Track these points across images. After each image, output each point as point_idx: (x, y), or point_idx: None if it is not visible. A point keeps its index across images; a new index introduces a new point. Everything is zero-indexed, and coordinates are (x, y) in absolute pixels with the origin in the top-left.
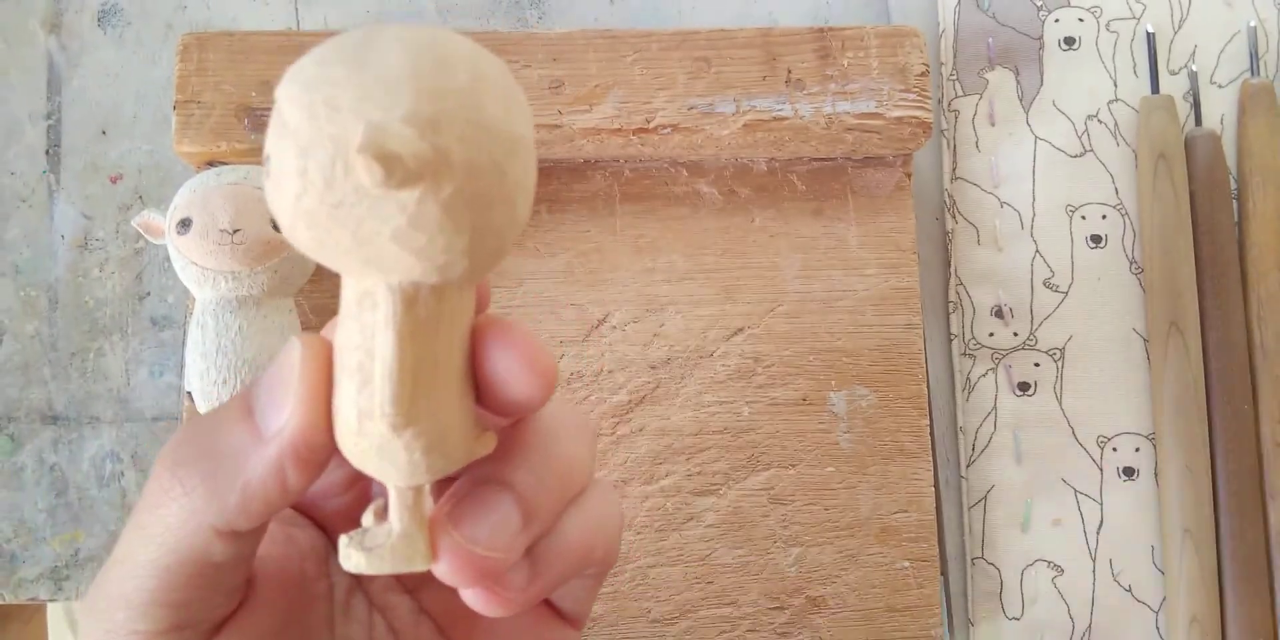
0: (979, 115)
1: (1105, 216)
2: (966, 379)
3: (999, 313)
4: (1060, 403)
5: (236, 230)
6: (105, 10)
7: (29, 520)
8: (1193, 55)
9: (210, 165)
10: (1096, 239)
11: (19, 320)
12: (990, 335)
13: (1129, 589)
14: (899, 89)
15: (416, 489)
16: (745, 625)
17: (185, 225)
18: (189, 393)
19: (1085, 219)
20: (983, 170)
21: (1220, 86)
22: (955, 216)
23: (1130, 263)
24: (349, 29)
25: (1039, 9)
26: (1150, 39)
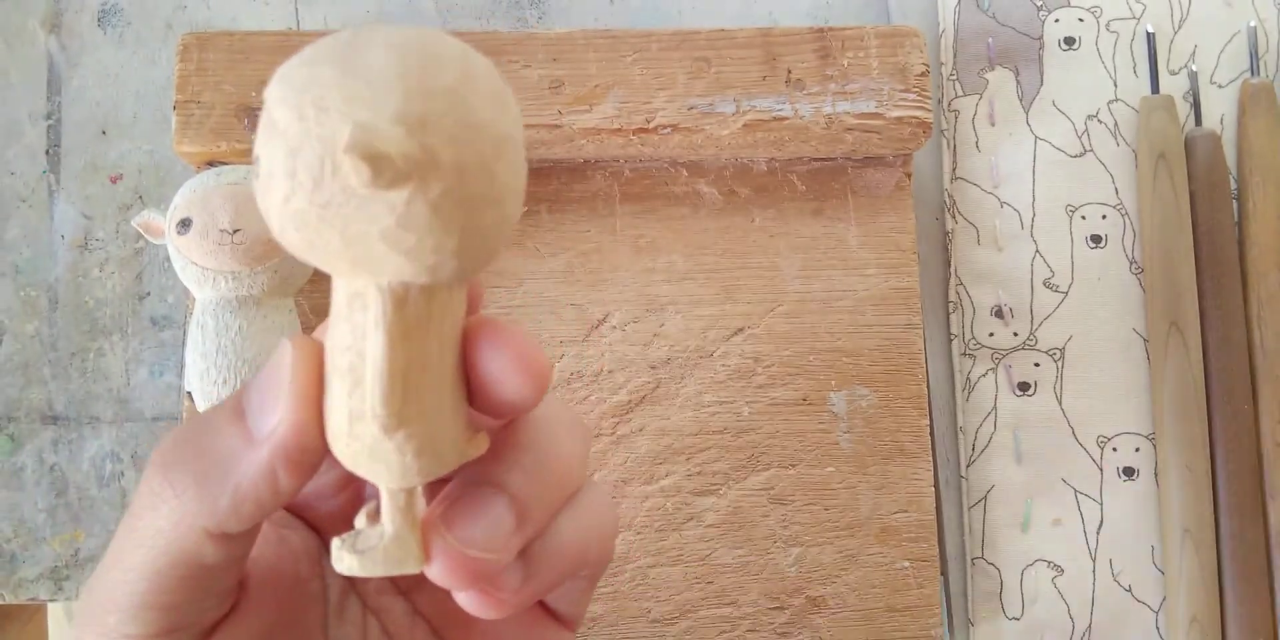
0: (979, 115)
1: (1105, 216)
2: (966, 379)
3: (999, 313)
4: (1060, 403)
5: (236, 230)
6: (105, 10)
7: (29, 520)
8: (1193, 55)
9: (210, 165)
10: (1096, 239)
11: (19, 320)
12: (990, 335)
13: (1129, 589)
14: (899, 89)
15: (409, 491)
16: (745, 625)
17: (185, 225)
18: (189, 393)
19: (1085, 219)
20: (983, 170)
21: (1220, 86)
22: (955, 216)
23: (1130, 263)
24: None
25: (1039, 9)
26: (1150, 39)
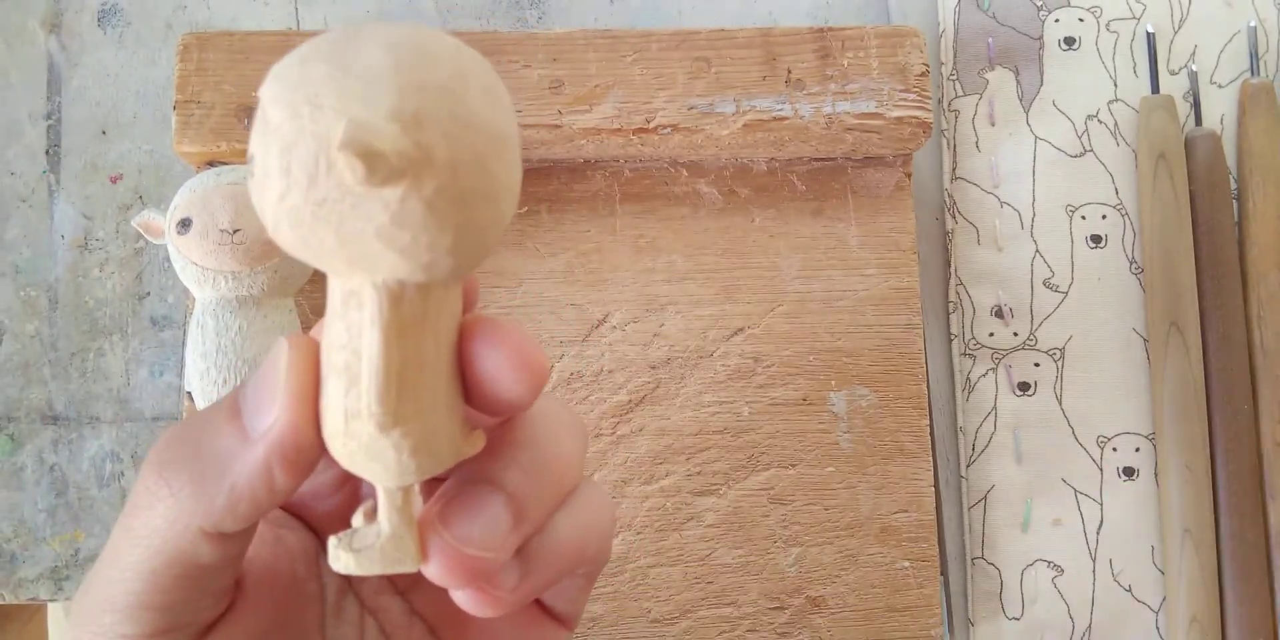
0: (979, 115)
1: (1105, 216)
2: (966, 379)
3: (999, 313)
4: (1060, 403)
5: (236, 230)
6: (105, 10)
7: (29, 520)
8: (1193, 55)
9: (210, 165)
10: (1096, 239)
11: (19, 320)
12: (990, 335)
13: (1129, 589)
14: (899, 89)
15: (405, 489)
16: (745, 625)
17: (185, 225)
18: (189, 393)
19: (1085, 219)
20: (983, 170)
21: (1220, 86)
22: (955, 216)
23: (1130, 263)
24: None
25: (1039, 9)
26: (1150, 39)
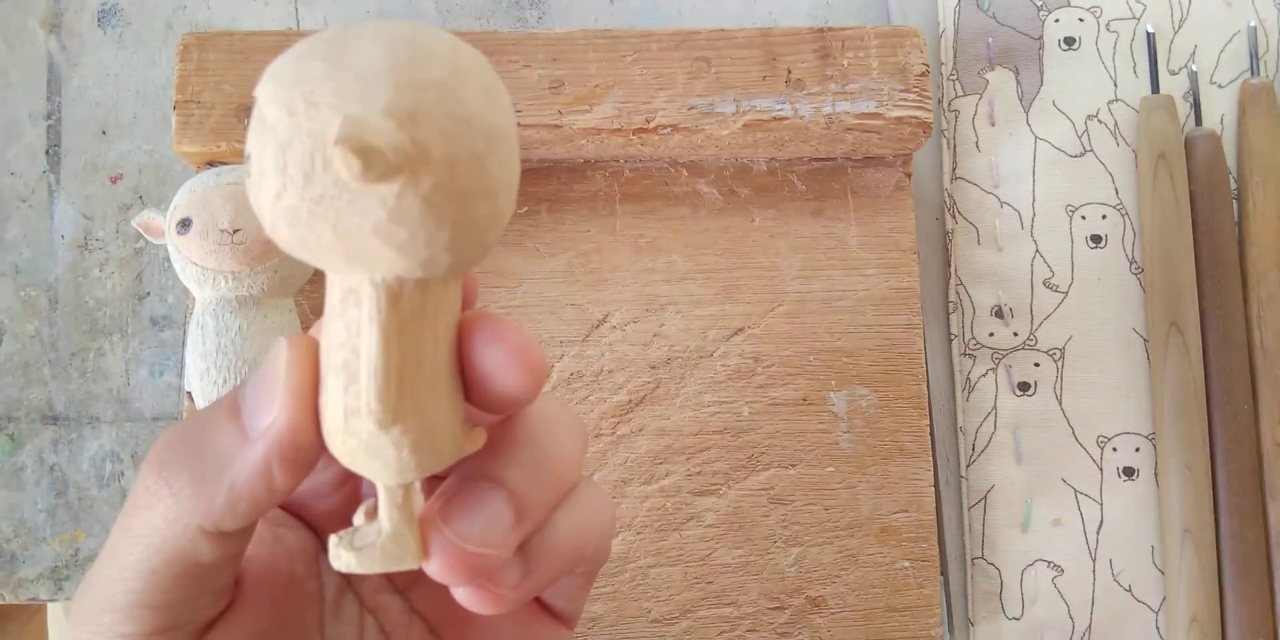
0: (979, 115)
1: (1105, 216)
2: (966, 379)
3: (999, 313)
4: (1060, 403)
5: (236, 230)
6: (105, 10)
7: (29, 520)
8: (1193, 55)
9: (210, 165)
10: (1096, 239)
11: (19, 320)
12: (990, 335)
13: (1129, 589)
14: (899, 89)
15: (406, 487)
16: (745, 625)
17: (185, 225)
18: (189, 393)
19: (1085, 219)
20: (983, 170)
21: (1220, 86)
22: (955, 216)
23: (1130, 263)
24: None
25: (1039, 9)
26: (1150, 39)
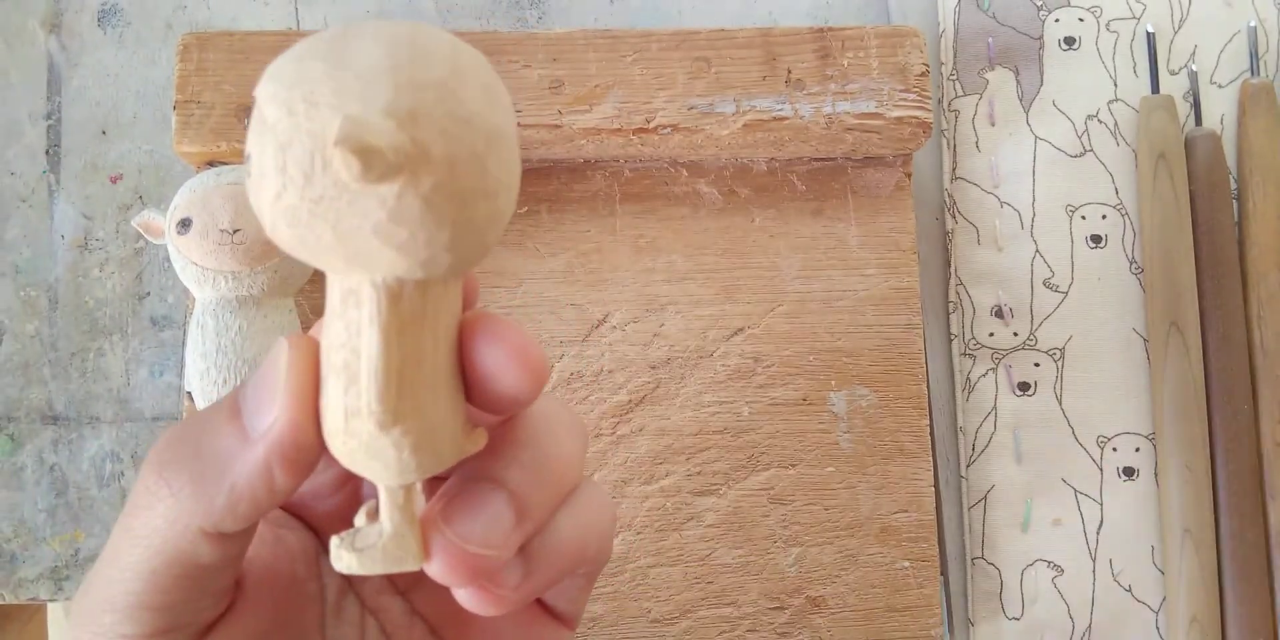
0: (979, 115)
1: (1105, 216)
2: (966, 379)
3: (999, 313)
4: (1060, 403)
5: (236, 230)
6: (105, 10)
7: (29, 520)
8: (1193, 55)
9: (210, 165)
10: (1096, 239)
11: (19, 320)
12: (990, 335)
13: (1129, 589)
14: (899, 89)
15: (407, 488)
16: (745, 625)
17: (185, 225)
18: (189, 393)
19: (1085, 219)
20: (983, 170)
21: (1220, 86)
22: (955, 216)
23: (1130, 263)
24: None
25: (1039, 9)
26: (1150, 39)
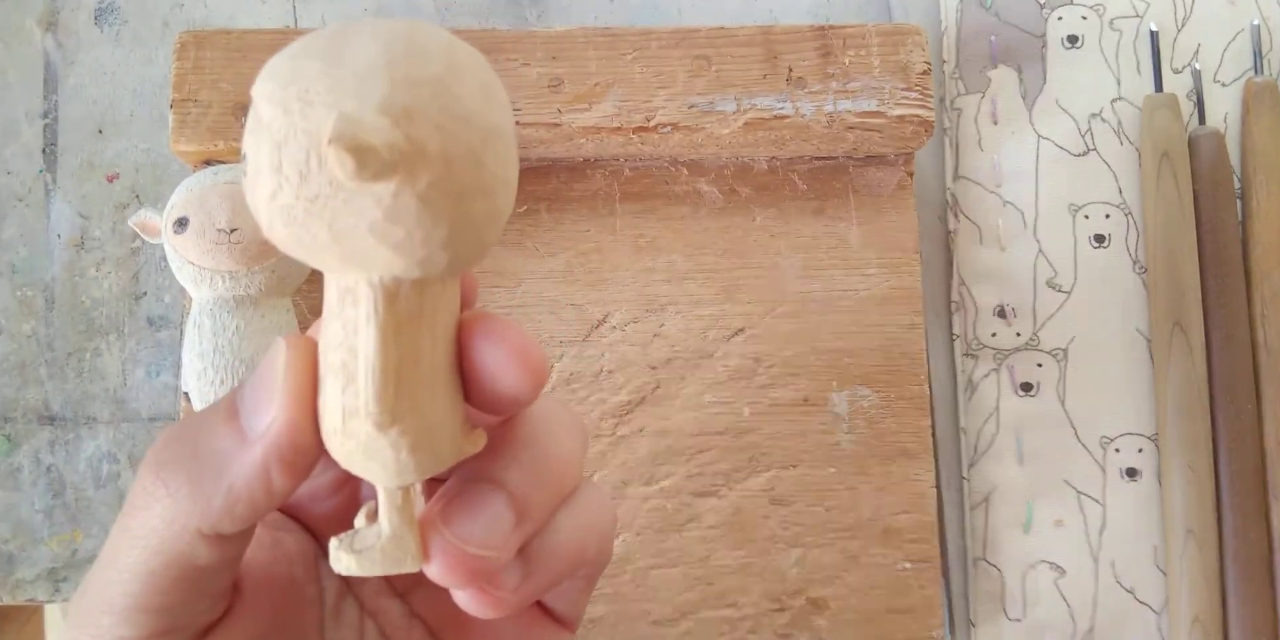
0: (981, 114)
1: (1108, 216)
2: (969, 379)
3: (1001, 313)
4: (1063, 403)
5: (234, 229)
6: (102, 8)
7: (26, 521)
8: (1196, 53)
9: (207, 164)
10: (1100, 238)
11: (15, 320)
12: (993, 335)
13: (1131, 590)
14: (901, 87)
15: (405, 489)
16: (746, 626)
17: (182, 224)
18: (186, 393)
19: (1088, 218)
20: (985, 169)
21: (1224, 85)
22: (957, 216)
23: (1134, 262)
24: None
25: (1042, 7)
26: (1154, 37)
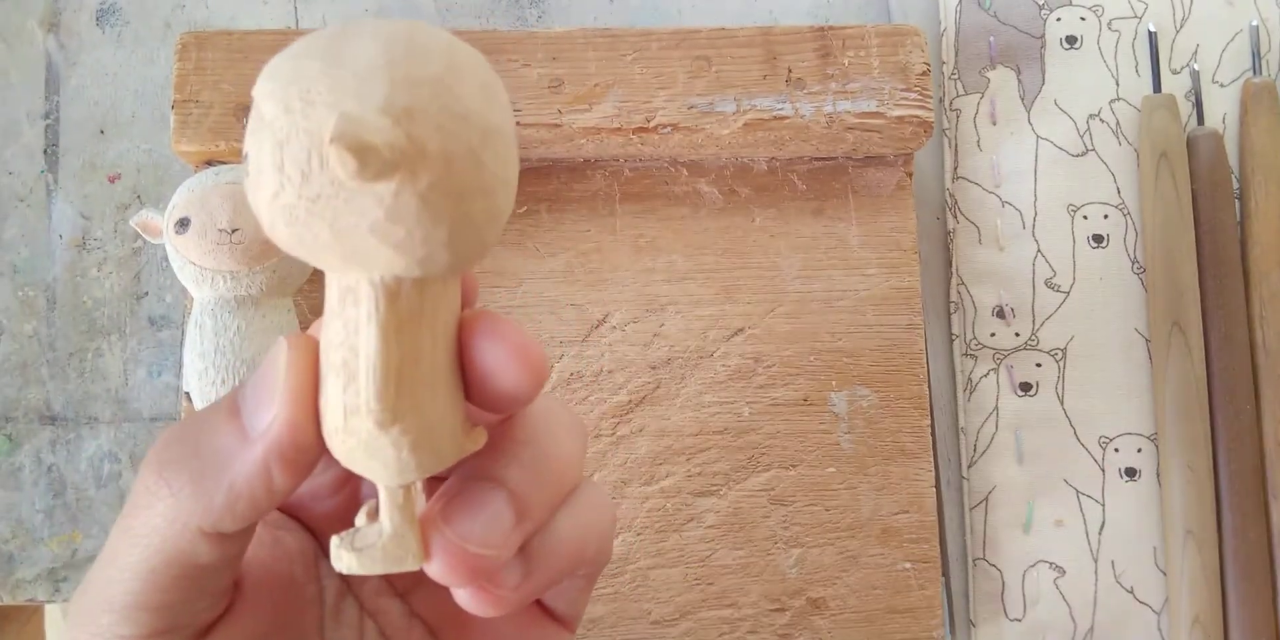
0: (980, 114)
1: (1107, 216)
2: (968, 379)
3: (1000, 313)
4: (1062, 403)
5: (235, 230)
6: (103, 9)
7: (27, 521)
8: (1195, 54)
9: (209, 164)
10: (1098, 238)
11: (17, 320)
12: (992, 335)
13: (1131, 590)
14: (900, 88)
15: (406, 487)
16: (746, 626)
17: (183, 225)
18: (187, 393)
19: (1087, 218)
20: (984, 169)
21: (1222, 85)
22: (956, 216)
23: (1132, 262)
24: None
25: (1040, 8)
26: (1152, 38)
